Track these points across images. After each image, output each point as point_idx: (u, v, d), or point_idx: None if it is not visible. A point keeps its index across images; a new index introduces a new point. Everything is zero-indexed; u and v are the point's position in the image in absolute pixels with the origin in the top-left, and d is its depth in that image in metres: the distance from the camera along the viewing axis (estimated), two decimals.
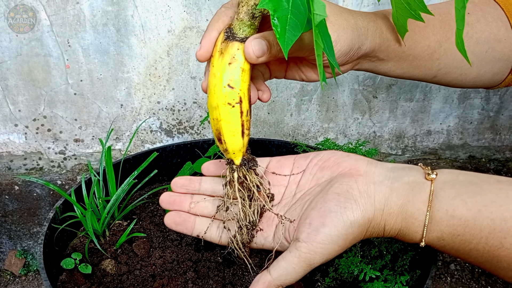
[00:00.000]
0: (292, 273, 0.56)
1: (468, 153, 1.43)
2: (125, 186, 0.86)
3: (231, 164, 0.62)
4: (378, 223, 0.57)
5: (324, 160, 0.64)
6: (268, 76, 0.70)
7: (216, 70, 0.57)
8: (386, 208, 0.57)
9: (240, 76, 0.57)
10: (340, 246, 0.56)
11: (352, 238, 0.56)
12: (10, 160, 1.30)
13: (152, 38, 1.18)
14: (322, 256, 0.55)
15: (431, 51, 0.74)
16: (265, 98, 0.67)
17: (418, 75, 0.78)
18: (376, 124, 1.35)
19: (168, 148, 1.06)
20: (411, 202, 0.56)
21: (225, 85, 0.57)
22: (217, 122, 0.59)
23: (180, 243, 0.86)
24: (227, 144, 0.60)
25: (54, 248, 0.81)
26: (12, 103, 1.23)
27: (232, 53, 0.57)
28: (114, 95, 1.24)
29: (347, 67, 0.70)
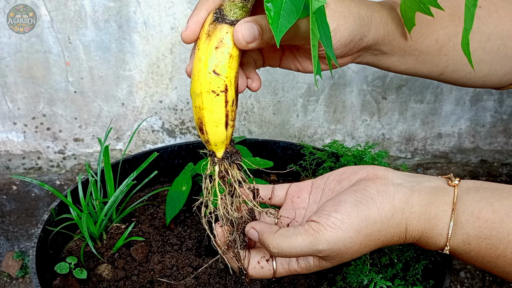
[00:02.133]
0: (294, 245, 0.53)
1: (480, 157, 1.38)
2: (124, 187, 0.83)
3: (212, 157, 0.58)
4: (399, 223, 0.54)
5: (340, 174, 0.62)
6: (260, 64, 0.66)
7: (202, 53, 0.53)
8: (407, 207, 0.54)
9: (227, 62, 0.53)
10: (351, 237, 0.52)
11: (366, 233, 0.53)
12: (9, 159, 1.27)
13: (155, 35, 1.15)
14: (328, 241, 0.52)
15: (439, 46, 0.70)
16: (254, 87, 0.62)
17: (424, 72, 0.74)
18: (385, 126, 1.31)
19: (169, 149, 1.03)
20: (434, 204, 0.53)
21: (210, 71, 0.53)
22: (199, 110, 0.55)
23: (180, 248, 0.82)
24: (209, 135, 0.56)
25: (48, 251, 0.77)
26: (11, 101, 1.20)
27: (220, 36, 0.52)
28: (115, 93, 1.21)
29: (347, 59, 0.66)
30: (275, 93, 1.24)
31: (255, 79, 0.62)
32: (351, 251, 0.54)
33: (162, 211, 0.91)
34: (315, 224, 0.53)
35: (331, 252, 0.53)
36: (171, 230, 0.86)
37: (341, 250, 0.53)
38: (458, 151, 1.37)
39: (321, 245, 0.52)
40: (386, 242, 0.55)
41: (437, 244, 0.54)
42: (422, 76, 0.75)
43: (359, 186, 0.56)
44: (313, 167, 0.98)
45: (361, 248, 0.54)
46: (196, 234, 0.85)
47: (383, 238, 0.55)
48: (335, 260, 0.55)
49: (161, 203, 0.94)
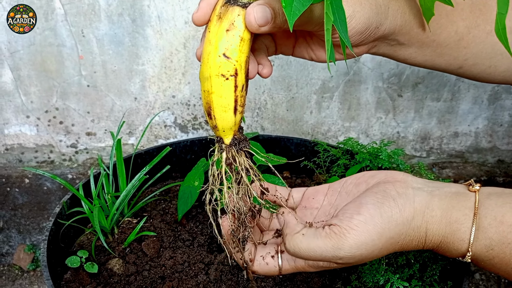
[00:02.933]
0: (314, 248, 0.51)
1: (497, 157, 1.35)
2: (136, 181, 0.82)
3: (220, 143, 0.56)
4: (419, 227, 0.52)
5: (358, 178, 0.60)
6: (273, 51, 0.64)
7: (212, 36, 0.51)
8: (427, 210, 0.52)
9: (238, 45, 0.51)
10: (374, 241, 0.50)
11: (388, 236, 0.51)
12: (21, 152, 1.27)
13: (168, 29, 1.14)
14: (351, 246, 0.50)
15: (458, 38, 0.68)
16: (265, 73, 0.60)
17: (441, 65, 0.71)
18: (400, 124, 1.29)
19: (182, 144, 1.02)
20: (455, 208, 0.51)
21: (220, 54, 0.51)
22: (208, 94, 0.53)
23: (192, 244, 0.81)
24: (217, 121, 0.54)
25: (59, 244, 0.77)
26: (24, 94, 1.20)
27: (232, 19, 0.51)
28: (128, 88, 1.20)
29: (362, 49, 0.64)
30: (289, 89, 1.23)
31: (266, 65, 0.61)
32: (371, 255, 0.52)
33: (174, 206, 0.90)
34: (336, 228, 0.51)
35: (351, 258, 0.51)
36: (183, 225, 0.85)
37: (362, 255, 0.51)
38: (475, 150, 1.34)
39: (343, 251, 0.50)
40: (404, 246, 0.53)
41: (458, 250, 0.52)
42: (440, 69, 0.73)
43: (379, 188, 0.54)
44: (327, 164, 0.96)
45: (381, 252, 0.52)
46: (208, 230, 0.84)
47: (402, 242, 0.53)
48: (349, 263, 0.53)
49: (173, 198, 0.94)
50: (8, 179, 1.25)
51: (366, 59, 1.19)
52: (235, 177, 0.57)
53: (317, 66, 1.19)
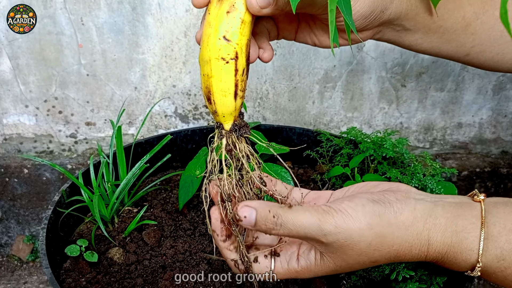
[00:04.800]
0: (299, 219, 0.48)
1: (501, 148, 1.34)
2: (136, 170, 0.80)
3: (220, 129, 0.55)
4: (419, 233, 0.49)
5: (360, 187, 0.58)
6: (275, 35, 0.62)
7: (212, 18, 0.50)
8: (430, 218, 0.49)
9: (238, 28, 0.50)
10: (361, 229, 0.48)
11: (378, 232, 0.48)
12: (20, 142, 1.25)
13: (169, 18, 1.12)
14: (336, 225, 0.47)
15: (465, 24, 0.66)
16: (266, 57, 0.59)
17: (448, 52, 0.69)
18: (403, 115, 1.27)
19: (183, 133, 1.00)
20: (461, 216, 0.49)
21: (220, 37, 0.49)
22: (207, 78, 0.51)
23: (193, 233, 0.80)
24: (217, 105, 0.52)
25: (58, 233, 0.76)
26: (23, 83, 1.18)
27: (232, 0, 0.49)
28: (128, 77, 1.19)
29: (367, 34, 0.62)
30: (291, 79, 1.21)
31: (267, 49, 0.59)
32: (357, 248, 0.48)
33: (174, 196, 0.89)
34: (325, 206, 0.49)
35: (336, 240, 0.48)
36: (184, 215, 0.84)
37: (347, 242, 0.48)
38: (479, 141, 1.33)
39: (328, 226, 0.47)
40: (401, 253, 0.50)
41: (467, 261, 0.49)
42: (446, 57, 0.71)
43: (378, 194, 0.52)
44: (330, 154, 0.95)
45: (370, 249, 0.49)
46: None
47: (398, 247, 0.49)
48: (338, 259, 0.50)
49: (174, 188, 0.92)
50: (7, 169, 1.23)
51: (369, 49, 1.17)
52: (235, 164, 0.55)
53: (320, 56, 1.18)
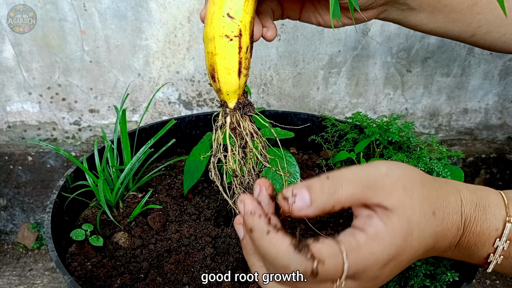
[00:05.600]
0: (352, 170, 0.44)
1: (507, 134, 1.33)
2: (141, 154, 0.80)
3: (224, 107, 0.55)
4: (455, 201, 0.47)
5: None
6: (279, 15, 0.62)
7: None
8: (461, 192, 0.48)
9: (242, 5, 0.49)
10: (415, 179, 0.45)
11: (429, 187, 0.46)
12: (24, 130, 1.25)
13: (172, 3, 1.11)
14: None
15: (471, 3, 0.65)
16: (269, 36, 0.58)
17: (454, 32, 0.68)
18: (408, 101, 1.26)
19: (187, 119, 1.00)
20: (483, 197, 0.49)
21: (224, 14, 0.49)
22: (211, 56, 0.51)
23: (199, 218, 0.79)
24: (221, 83, 0.53)
25: (63, 218, 0.75)
26: (26, 70, 1.18)
27: None
28: (132, 63, 1.18)
29: (371, 13, 0.62)
30: (295, 65, 1.20)
31: (270, 28, 0.58)
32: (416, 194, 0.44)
33: (179, 181, 0.89)
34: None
35: (396, 180, 0.44)
36: (189, 200, 0.84)
37: (406, 186, 0.44)
38: (484, 127, 1.32)
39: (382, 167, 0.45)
40: (441, 238, 0.46)
41: (491, 236, 0.48)
42: (452, 37, 0.70)
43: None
44: (335, 139, 0.94)
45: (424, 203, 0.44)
46: (215, 204, 0.82)
47: (441, 222, 0.46)
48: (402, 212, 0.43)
49: (179, 173, 0.92)
50: (11, 157, 1.23)
51: (374, 33, 1.16)
52: (239, 142, 0.55)
53: (324, 41, 1.17)
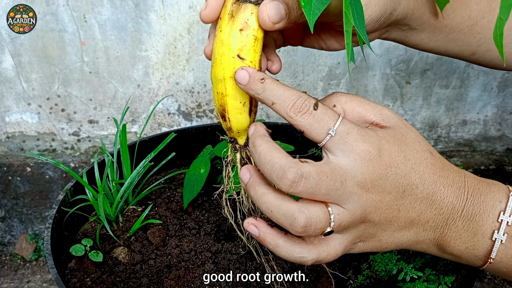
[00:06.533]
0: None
1: (506, 145, 1.33)
2: (140, 168, 0.80)
3: (234, 144, 0.55)
4: (458, 171, 0.49)
5: None
6: (281, 43, 0.62)
7: (225, 36, 0.49)
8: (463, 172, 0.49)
9: (252, 45, 0.49)
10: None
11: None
12: (23, 140, 1.25)
13: (172, 14, 1.11)
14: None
15: (471, 23, 0.65)
16: (275, 69, 0.58)
17: (454, 50, 0.69)
18: (407, 112, 1.27)
19: (187, 131, 1.00)
20: (485, 188, 0.49)
21: (234, 55, 0.49)
22: (222, 97, 0.51)
23: (199, 232, 0.79)
24: (232, 123, 0.53)
25: (63, 232, 0.75)
26: (26, 81, 1.17)
27: (245, 17, 0.48)
28: (131, 74, 1.18)
29: (374, 35, 0.62)
30: (295, 76, 1.20)
31: (275, 61, 0.58)
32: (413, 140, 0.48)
33: (179, 195, 0.89)
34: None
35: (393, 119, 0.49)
36: (189, 213, 0.84)
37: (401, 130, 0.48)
38: (483, 139, 1.32)
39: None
40: (441, 185, 0.48)
41: (495, 207, 0.48)
42: (453, 55, 0.71)
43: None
44: None
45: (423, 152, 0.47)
46: (215, 218, 0.82)
47: (441, 168, 0.48)
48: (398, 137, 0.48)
49: (178, 186, 0.92)
50: (10, 168, 1.23)
51: (374, 45, 1.16)
52: None
53: (324, 53, 1.17)
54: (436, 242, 0.50)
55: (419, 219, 0.48)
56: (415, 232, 0.49)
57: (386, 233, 0.49)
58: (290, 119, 0.47)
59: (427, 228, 0.49)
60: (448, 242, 0.49)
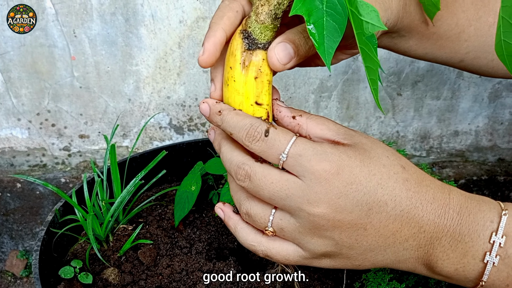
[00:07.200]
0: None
1: (498, 155, 1.33)
2: (131, 187, 0.79)
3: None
4: (442, 186, 0.48)
5: None
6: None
7: (240, 86, 0.50)
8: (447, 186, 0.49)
9: (266, 90, 0.50)
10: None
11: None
12: (13, 156, 1.24)
13: (162, 29, 1.11)
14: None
15: (459, 31, 0.65)
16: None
17: (442, 58, 0.69)
18: (399, 124, 1.27)
19: (177, 146, 0.99)
20: (475, 195, 0.49)
21: (253, 103, 0.50)
22: None
23: (190, 251, 0.78)
24: None
25: (52, 254, 0.74)
26: (15, 96, 1.16)
27: (258, 65, 0.49)
28: (122, 89, 1.17)
29: None
30: (286, 89, 1.20)
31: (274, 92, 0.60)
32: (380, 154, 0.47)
33: (170, 212, 0.88)
34: None
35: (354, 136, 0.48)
36: (180, 232, 0.83)
37: (366, 146, 0.47)
38: (475, 149, 1.32)
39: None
40: (418, 202, 0.47)
41: (486, 227, 0.46)
42: (441, 62, 0.71)
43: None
44: None
45: (392, 165, 0.46)
46: (206, 236, 0.81)
47: (415, 184, 0.46)
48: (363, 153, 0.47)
49: (169, 203, 0.91)
50: (0, 184, 1.21)
51: None
52: None
53: None
54: (423, 262, 0.49)
55: (394, 238, 0.47)
56: (393, 251, 0.48)
57: (354, 251, 0.48)
58: (247, 147, 0.48)
59: (407, 247, 0.48)
60: (436, 262, 0.48)
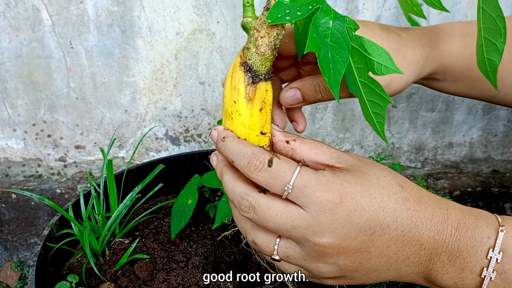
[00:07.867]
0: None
1: (492, 167, 1.34)
2: (128, 201, 0.79)
3: None
4: (439, 200, 0.49)
5: None
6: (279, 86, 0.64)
7: (246, 119, 0.51)
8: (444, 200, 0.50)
9: (269, 119, 0.53)
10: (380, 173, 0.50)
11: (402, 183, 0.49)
12: (8, 166, 1.23)
13: (159, 41, 1.11)
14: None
15: None
16: (300, 129, 0.62)
17: (475, 95, 0.73)
18: (394, 135, 1.27)
19: (174, 159, 0.99)
20: (473, 209, 0.50)
21: (258, 134, 0.52)
22: None
23: (187, 265, 0.78)
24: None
25: (48, 269, 0.74)
26: (11, 107, 1.16)
27: (261, 97, 0.50)
28: (118, 100, 1.17)
29: None
30: None
31: (301, 122, 0.63)
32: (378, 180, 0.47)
33: (167, 225, 0.88)
34: None
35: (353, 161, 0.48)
36: (177, 245, 0.83)
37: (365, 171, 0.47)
38: (470, 161, 1.33)
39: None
40: (418, 221, 0.47)
41: (483, 244, 0.47)
42: (473, 98, 0.75)
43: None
44: None
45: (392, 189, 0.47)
46: (203, 249, 0.81)
47: (414, 203, 0.47)
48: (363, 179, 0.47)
49: (166, 215, 0.91)
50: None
51: None
52: None
53: None
54: (423, 276, 0.50)
55: (397, 257, 0.48)
56: (395, 269, 0.49)
57: (358, 273, 0.48)
58: (248, 176, 0.47)
59: (409, 264, 0.48)
60: (435, 276, 0.49)
